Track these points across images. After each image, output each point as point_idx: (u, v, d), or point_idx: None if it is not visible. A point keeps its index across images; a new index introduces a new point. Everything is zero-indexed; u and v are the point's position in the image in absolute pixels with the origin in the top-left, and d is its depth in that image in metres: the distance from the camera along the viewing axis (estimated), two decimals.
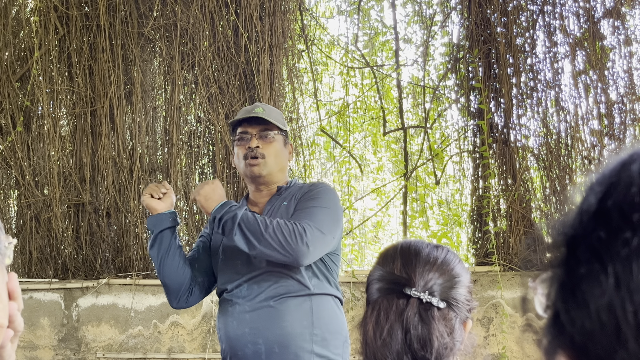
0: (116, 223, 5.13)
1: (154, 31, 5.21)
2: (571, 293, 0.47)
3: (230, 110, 4.99)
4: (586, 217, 0.48)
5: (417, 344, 1.28)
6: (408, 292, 1.32)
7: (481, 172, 5.05)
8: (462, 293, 1.37)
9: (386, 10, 6.08)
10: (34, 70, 5.13)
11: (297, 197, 2.50)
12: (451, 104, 5.60)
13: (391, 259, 1.39)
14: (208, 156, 5.24)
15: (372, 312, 1.34)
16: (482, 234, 4.95)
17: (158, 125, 5.34)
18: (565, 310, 0.47)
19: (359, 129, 6.23)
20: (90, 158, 5.12)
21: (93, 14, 5.18)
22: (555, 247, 0.51)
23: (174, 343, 4.66)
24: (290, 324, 2.35)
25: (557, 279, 0.49)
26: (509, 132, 5.02)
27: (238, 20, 5.03)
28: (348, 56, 5.92)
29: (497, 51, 5.10)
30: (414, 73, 6.12)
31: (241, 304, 2.42)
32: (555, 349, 0.49)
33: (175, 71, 5.08)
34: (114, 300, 4.78)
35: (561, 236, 0.50)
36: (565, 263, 0.49)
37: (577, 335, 0.46)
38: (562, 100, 5.07)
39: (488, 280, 4.56)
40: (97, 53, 5.17)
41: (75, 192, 5.11)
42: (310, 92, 5.67)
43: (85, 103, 5.17)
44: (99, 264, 5.01)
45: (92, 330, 4.75)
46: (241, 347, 2.37)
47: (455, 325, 1.33)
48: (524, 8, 5.22)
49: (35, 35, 5.13)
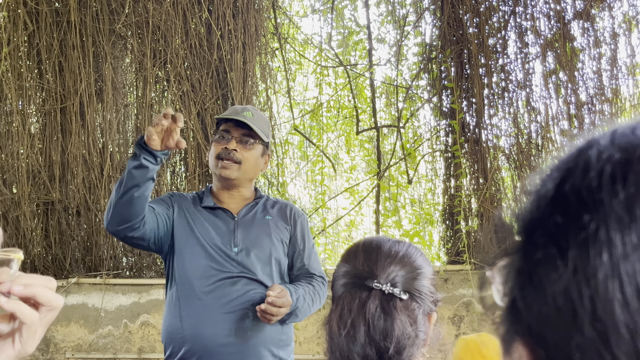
0: (86, 222, 5.06)
1: (125, 28, 5.15)
2: (528, 279, 0.47)
3: (203, 108, 4.96)
4: (543, 203, 0.47)
5: (379, 335, 1.29)
6: (370, 285, 1.33)
7: (453, 171, 5.09)
8: (424, 285, 1.38)
9: (360, 9, 6.09)
10: (3, 67, 5.05)
11: (284, 219, 2.63)
12: (424, 103, 5.63)
13: (354, 255, 1.41)
14: (180, 154, 5.20)
15: (336, 308, 1.36)
16: (454, 233, 4.98)
17: (129, 123, 5.28)
18: (522, 297, 0.47)
19: (332, 128, 6.24)
20: (60, 156, 5.05)
21: (63, 9, 5.11)
22: (512, 233, 0.51)
23: (145, 343, 4.62)
24: (265, 329, 2.39)
25: (514, 266, 0.49)
26: (481, 131, 5.06)
27: (211, 17, 5.00)
28: (322, 55, 5.92)
29: (469, 51, 5.14)
30: (387, 73, 6.15)
31: (217, 304, 2.39)
32: (512, 337, 0.49)
33: (147, 68, 5.03)
34: (84, 300, 4.72)
35: (518, 222, 0.50)
36: (522, 249, 0.48)
37: (533, 322, 0.46)
38: (533, 100, 5.12)
39: (459, 278, 4.59)
40: (67, 49, 5.10)
41: (45, 190, 5.04)
42: (284, 90, 5.66)
43: (55, 100, 5.10)
44: (68, 263, 4.95)
45: (61, 330, 4.69)
46: (215, 347, 2.35)
47: (419, 317, 1.34)
48: (495, 9, 5.27)
49: (4, 31, 5.05)
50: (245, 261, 2.44)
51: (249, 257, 2.45)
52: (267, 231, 2.49)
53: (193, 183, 4.92)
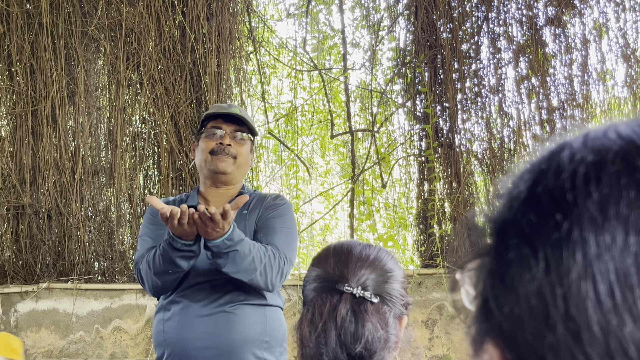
0: (57, 226, 5.00)
1: (98, 30, 5.10)
2: (500, 279, 0.47)
3: (177, 111, 4.93)
4: (516, 204, 0.47)
5: (350, 339, 1.30)
6: (341, 288, 1.34)
7: (427, 175, 5.11)
8: (395, 288, 1.39)
9: (334, 14, 6.11)
10: None
11: (259, 208, 2.52)
12: (398, 108, 5.65)
13: (325, 259, 1.41)
14: (153, 158, 5.16)
15: (307, 312, 1.36)
16: (427, 237, 5.00)
17: (102, 126, 5.23)
18: (494, 297, 0.47)
19: (307, 132, 6.24)
20: (30, 159, 4.99)
21: (35, 11, 5.05)
22: (484, 235, 0.51)
23: (117, 348, 4.57)
24: (245, 330, 2.36)
25: (486, 267, 0.49)
26: (454, 136, 5.10)
27: (185, 20, 4.98)
28: (296, 59, 5.92)
29: (443, 56, 5.17)
30: (362, 77, 6.16)
31: (195, 307, 2.37)
32: (483, 338, 0.49)
33: (120, 71, 4.99)
34: (55, 305, 4.66)
35: (490, 224, 0.50)
36: (494, 250, 0.49)
37: (505, 322, 0.46)
38: (505, 105, 5.17)
39: (433, 282, 4.61)
40: (39, 51, 5.04)
41: (15, 194, 4.97)
42: (258, 94, 5.65)
43: (26, 103, 5.03)
44: (39, 267, 4.88)
45: (32, 336, 4.62)
46: (192, 350, 2.33)
47: (389, 320, 1.35)
48: (469, 15, 5.31)
49: None
50: None
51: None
52: (242, 227, 2.43)
53: (166, 187, 4.89)
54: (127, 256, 4.97)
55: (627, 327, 0.40)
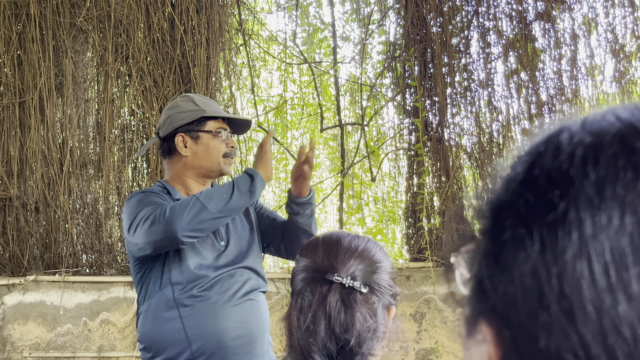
0: (45, 218, 4.97)
1: (86, 22, 5.07)
2: (495, 260, 0.47)
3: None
4: (513, 185, 0.48)
5: (339, 328, 1.31)
6: (331, 278, 1.35)
7: (416, 169, 5.12)
8: (384, 278, 1.41)
9: (324, 7, 6.11)
10: None
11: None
12: (387, 102, 5.66)
13: (313, 250, 1.42)
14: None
15: (297, 302, 1.37)
16: (416, 231, 5.01)
17: (90, 118, 5.20)
18: (489, 277, 0.47)
19: (296, 126, 6.23)
20: (18, 151, 4.95)
21: (22, 2, 5.01)
22: (480, 216, 0.51)
23: (105, 341, 4.56)
24: (265, 317, 2.48)
25: (481, 248, 0.49)
26: (443, 130, 5.11)
27: (174, 12, 4.96)
28: (286, 52, 5.91)
29: (433, 50, 5.18)
30: (352, 71, 6.17)
31: (223, 298, 2.36)
32: (477, 318, 0.49)
33: (109, 63, 4.96)
34: (42, 298, 4.63)
35: (486, 205, 0.50)
36: (489, 231, 0.49)
37: (499, 303, 0.46)
38: (494, 100, 5.19)
39: (421, 275, 4.62)
40: (26, 43, 4.99)
41: (2, 186, 4.94)
42: (248, 87, 5.64)
43: (14, 94, 4.99)
44: (26, 260, 4.85)
45: (19, 328, 4.60)
46: (228, 341, 2.32)
47: (378, 310, 1.36)
48: (459, 8, 5.32)
49: None
50: (235, 252, 2.47)
51: (236, 247, 2.48)
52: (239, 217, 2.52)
53: (155, 180, 4.87)
54: (115, 249, 4.95)
55: (621, 306, 0.40)
